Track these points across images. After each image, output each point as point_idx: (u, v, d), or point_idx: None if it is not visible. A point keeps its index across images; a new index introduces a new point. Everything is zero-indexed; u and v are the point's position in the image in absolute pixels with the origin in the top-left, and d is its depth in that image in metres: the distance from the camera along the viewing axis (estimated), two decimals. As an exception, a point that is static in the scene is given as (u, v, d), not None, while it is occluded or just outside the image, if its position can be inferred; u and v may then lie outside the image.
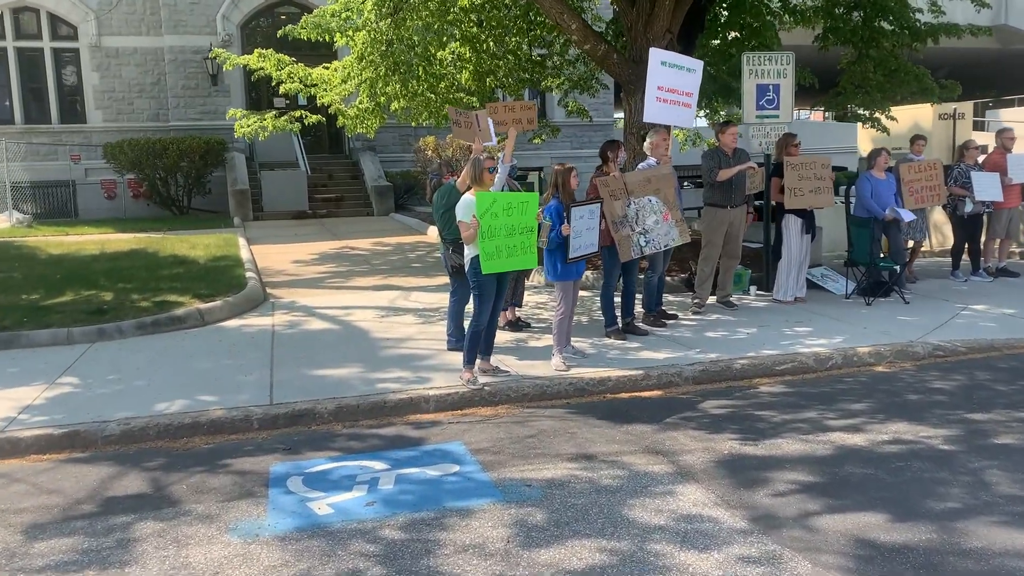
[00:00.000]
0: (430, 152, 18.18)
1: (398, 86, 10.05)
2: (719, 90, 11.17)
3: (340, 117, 11.39)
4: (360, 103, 10.86)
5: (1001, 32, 31.01)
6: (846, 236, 10.28)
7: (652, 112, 7.94)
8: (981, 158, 10.89)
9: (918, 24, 11.27)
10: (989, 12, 30.84)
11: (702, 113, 15.02)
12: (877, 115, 11.79)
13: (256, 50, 11.60)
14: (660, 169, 8.07)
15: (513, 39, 11.23)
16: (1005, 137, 10.60)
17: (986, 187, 10.27)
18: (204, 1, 22.03)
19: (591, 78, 13.48)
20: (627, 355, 7.27)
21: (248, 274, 11.19)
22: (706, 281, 9.01)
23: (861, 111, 11.80)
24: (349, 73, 10.19)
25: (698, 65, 8.32)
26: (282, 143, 22.52)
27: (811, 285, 10.17)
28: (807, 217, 9.21)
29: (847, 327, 8.13)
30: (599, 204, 7.16)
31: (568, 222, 6.72)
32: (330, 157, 23.98)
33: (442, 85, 11.28)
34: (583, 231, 6.94)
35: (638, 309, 8.58)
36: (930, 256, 12.71)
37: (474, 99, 11.30)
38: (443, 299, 8.61)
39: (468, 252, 6.32)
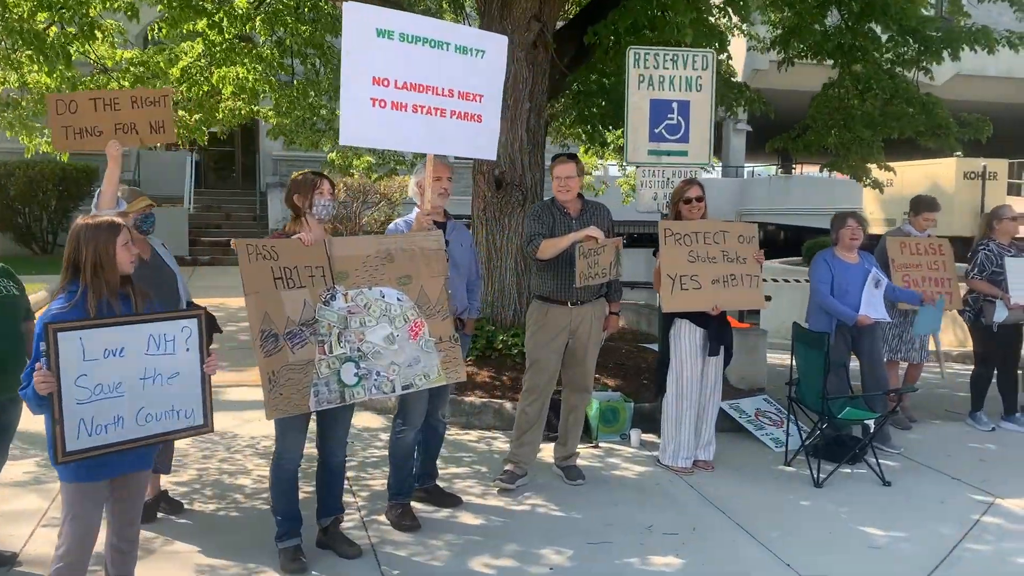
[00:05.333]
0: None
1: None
2: (612, 111, 7.34)
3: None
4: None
5: (1038, 85, 27.19)
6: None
7: (355, 127, 4.05)
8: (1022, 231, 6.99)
9: (931, 32, 7.40)
10: (1026, 61, 27.17)
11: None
12: (862, 162, 7.89)
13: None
14: (417, 239, 4.24)
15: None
16: (1061, 203, 6.67)
17: (1028, 281, 6.34)
18: None
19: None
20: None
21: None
22: (530, 430, 5.09)
23: (841, 159, 7.87)
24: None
25: (495, 44, 4.49)
26: (174, 174, 19.09)
27: (734, 425, 6.26)
28: (714, 326, 5.30)
29: (761, 558, 4.19)
30: (196, 320, 3.29)
31: (50, 357, 2.90)
32: (239, 192, 20.42)
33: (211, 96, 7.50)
34: (142, 385, 3.11)
35: (371, 490, 4.74)
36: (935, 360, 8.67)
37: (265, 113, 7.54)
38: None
39: None
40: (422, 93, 4.25)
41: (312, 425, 4.07)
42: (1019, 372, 6.75)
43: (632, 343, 7.99)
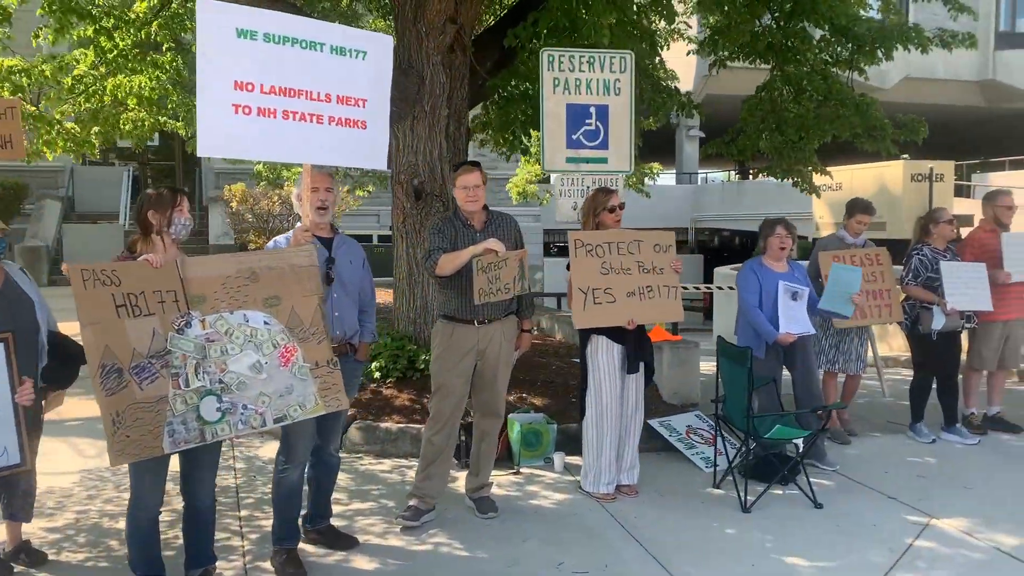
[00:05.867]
0: (235, 204, 13.95)
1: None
2: (536, 117, 6.99)
3: None
4: None
5: (989, 88, 27.46)
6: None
7: (215, 136, 3.67)
8: (963, 232, 6.78)
9: (863, 31, 7.15)
10: (975, 64, 27.38)
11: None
12: (800, 167, 7.64)
13: None
14: (285, 255, 3.86)
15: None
16: (999, 204, 6.45)
17: (965, 287, 6.11)
18: None
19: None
20: None
21: None
22: (437, 461, 4.72)
23: (775, 164, 7.60)
24: None
25: (378, 44, 4.14)
26: (112, 190, 18.49)
27: (664, 444, 5.96)
28: (632, 341, 4.98)
29: (670, 594, 3.86)
30: (1, 346, 2.88)
31: None
32: (179, 208, 19.80)
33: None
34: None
35: (262, 532, 4.34)
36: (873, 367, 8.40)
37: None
38: None
39: None
40: (293, 98, 3.88)
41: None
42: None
43: (565, 358, 7.66)
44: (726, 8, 6.95)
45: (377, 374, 6.61)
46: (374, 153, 4.24)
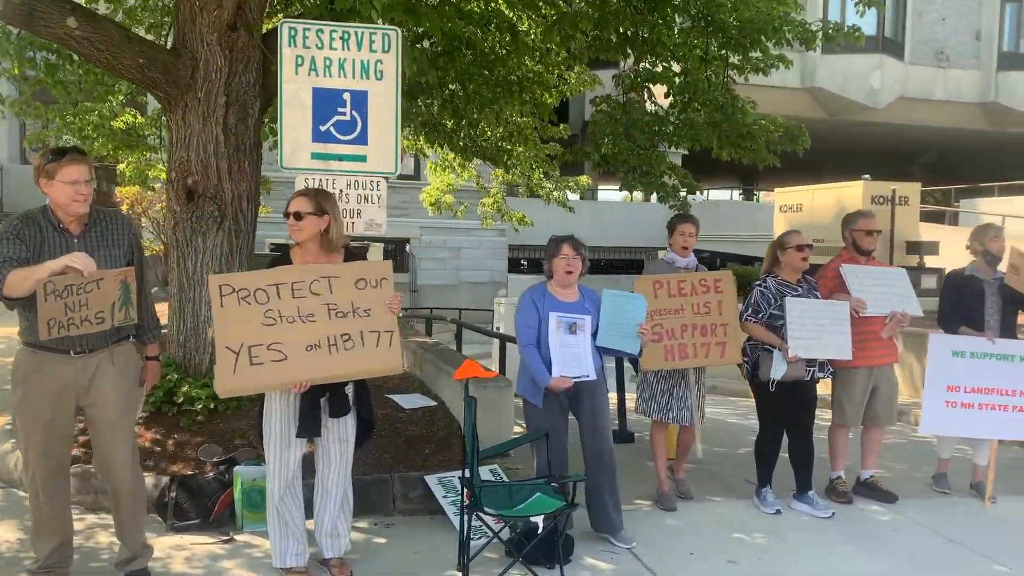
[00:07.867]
0: (126, 207, 13.03)
1: None
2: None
3: None
4: None
5: (992, 110, 26.10)
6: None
7: None
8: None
9: (729, 22, 6.01)
10: (976, 86, 26.01)
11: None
12: (664, 181, 6.54)
13: None
14: None
15: None
16: (856, 229, 5.34)
17: (816, 329, 5.00)
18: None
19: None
20: None
21: None
22: (49, 523, 3.69)
23: (633, 177, 6.51)
24: None
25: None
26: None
27: (434, 507, 4.91)
28: (310, 395, 3.91)
29: None
30: None
31: None
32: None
33: None
34: None
35: None
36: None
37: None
38: None
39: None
40: None
41: None
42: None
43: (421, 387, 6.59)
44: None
45: (129, 407, 5.59)
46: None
